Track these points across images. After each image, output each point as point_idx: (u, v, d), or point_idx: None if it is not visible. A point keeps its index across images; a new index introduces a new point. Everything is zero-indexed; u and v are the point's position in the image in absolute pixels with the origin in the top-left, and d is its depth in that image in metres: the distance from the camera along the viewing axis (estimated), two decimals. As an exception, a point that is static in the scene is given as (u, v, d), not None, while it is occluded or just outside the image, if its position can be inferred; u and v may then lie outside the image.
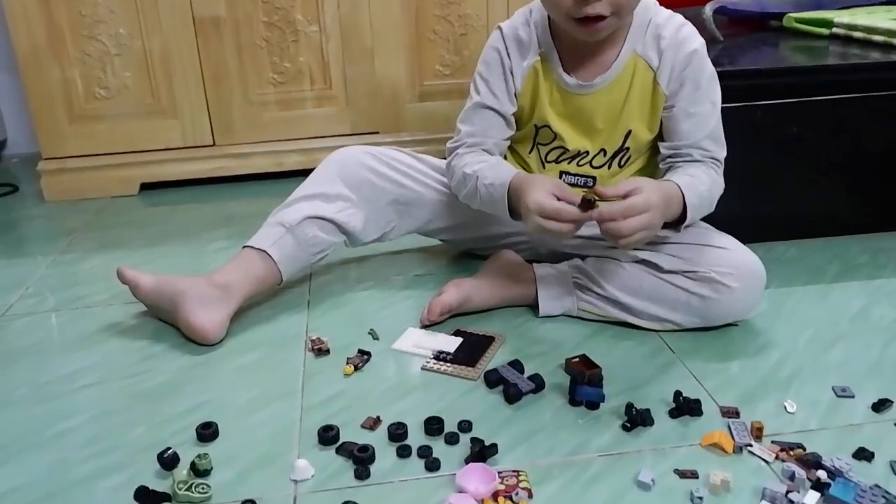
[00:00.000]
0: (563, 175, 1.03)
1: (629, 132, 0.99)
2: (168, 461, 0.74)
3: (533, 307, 1.02)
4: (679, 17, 0.98)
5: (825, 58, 1.27)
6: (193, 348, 0.97)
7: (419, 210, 1.11)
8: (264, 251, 1.02)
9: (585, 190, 0.89)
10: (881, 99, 1.17)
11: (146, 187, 1.63)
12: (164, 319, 1.03)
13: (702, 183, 0.94)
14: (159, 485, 0.72)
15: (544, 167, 1.04)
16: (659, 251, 0.96)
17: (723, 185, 0.99)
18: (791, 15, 1.45)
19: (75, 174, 1.60)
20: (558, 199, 0.87)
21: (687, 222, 0.93)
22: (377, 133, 1.64)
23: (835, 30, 1.37)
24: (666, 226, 0.92)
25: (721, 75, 1.07)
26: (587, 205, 0.85)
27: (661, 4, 1.00)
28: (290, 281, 1.07)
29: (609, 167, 1.01)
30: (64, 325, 1.06)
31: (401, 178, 1.09)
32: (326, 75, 1.59)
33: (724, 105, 1.06)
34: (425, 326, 0.99)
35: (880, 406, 0.81)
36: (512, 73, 1.01)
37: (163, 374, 0.92)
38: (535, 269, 1.03)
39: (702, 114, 0.96)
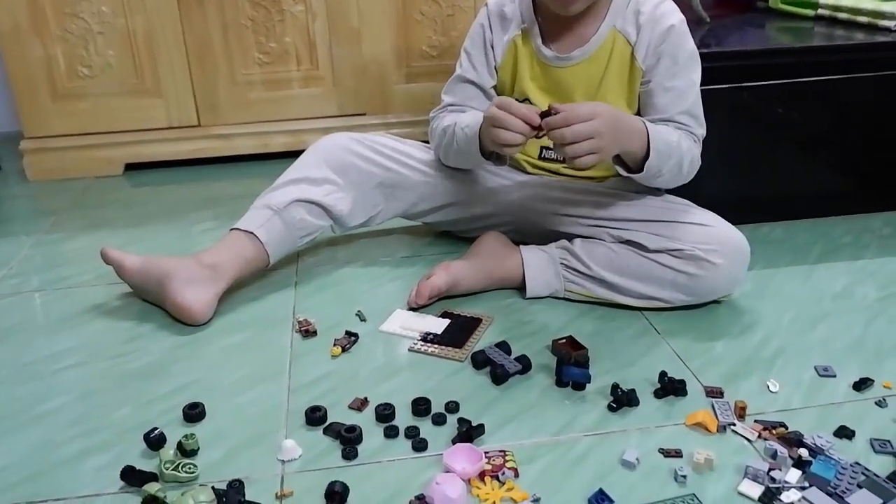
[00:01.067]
0: (544, 150, 1.06)
1: None
2: (155, 441, 0.74)
3: (520, 288, 1.02)
4: None
5: (810, 39, 1.27)
6: (180, 328, 0.97)
7: (405, 192, 1.10)
8: (252, 233, 1.01)
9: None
10: (865, 80, 1.17)
11: (130, 168, 1.61)
12: (150, 300, 1.02)
13: (671, 135, 0.95)
14: (146, 465, 0.72)
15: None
16: (643, 231, 0.96)
17: (698, 160, 1.00)
18: (778, -4, 1.45)
19: (58, 153, 1.57)
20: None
21: (650, 163, 0.92)
22: (364, 114, 1.62)
23: (820, 11, 1.37)
24: (628, 170, 0.94)
25: (707, 56, 1.07)
26: (545, 116, 0.87)
27: None
28: (276, 263, 1.07)
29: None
30: (48, 306, 1.05)
31: (386, 161, 1.09)
32: (313, 55, 1.57)
33: (710, 87, 1.06)
34: (413, 309, 0.99)
35: (861, 385, 0.82)
36: (493, 46, 1.05)
37: (149, 354, 0.92)
38: (521, 251, 1.03)
39: (679, 88, 0.97)
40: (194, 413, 0.79)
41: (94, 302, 1.05)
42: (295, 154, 1.12)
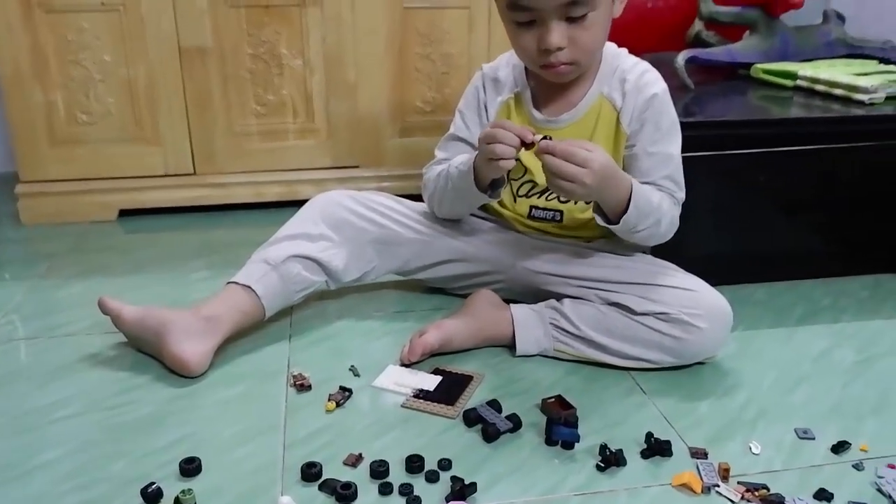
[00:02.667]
0: (533, 209, 1.10)
1: None
2: (152, 496, 0.76)
3: (511, 346, 1.06)
4: (644, 64, 1.06)
5: (790, 110, 1.34)
6: (176, 380, 0.98)
7: (399, 249, 1.14)
8: (249, 287, 1.04)
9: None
10: (842, 150, 1.23)
11: (124, 214, 1.63)
12: (146, 351, 1.04)
13: (654, 196, 1.00)
14: (143, 520, 0.73)
15: (515, 201, 1.11)
16: (630, 293, 1.00)
17: (677, 222, 1.04)
18: (758, 66, 1.53)
19: (54, 198, 1.59)
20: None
21: (627, 218, 0.96)
22: (357, 167, 1.67)
23: (799, 82, 1.44)
24: (606, 219, 0.98)
25: (693, 125, 1.14)
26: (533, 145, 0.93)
27: (639, 50, 1.09)
28: (271, 316, 1.09)
29: (576, 202, 1.06)
30: (42, 354, 1.06)
31: (381, 218, 1.13)
32: (309, 108, 1.62)
33: (697, 153, 1.12)
34: (405, 365, 1.02)
35: (839, 448, 0.86)
36: (486, 107, 1.11)
37: (145, 406, 0.93)
38: (512, 310, 1.06)
39: (661, 154, 1.03)
40: (191, 468, 0.80)
41: (90, 351, 1.06)
42: (289, 204, 1.15)
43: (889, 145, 1.24)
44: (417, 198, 1.19)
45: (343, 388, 0.96)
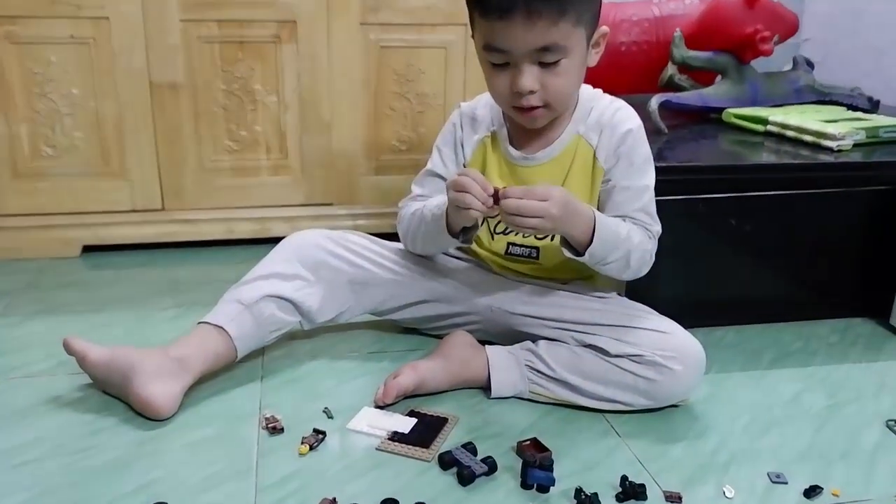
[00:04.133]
0: (511, 246, 1.14)
1: None
2: (120, 543, 0.76)
3: (486, 388, 1.08)
4: (619, 102, 1.12)
5: (759, 156, 1.40)
6: (143, 423, 0.99)
7: (375, 290, 1.17)
8: (221, 328, 1.06)
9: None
10: (811, 196, 1.30)
11: (88, 249, 1.63)
12: (112, 393, 1.04)
13: (621, 228, 1.04)
14: (111, 567, 0.73)
15: (493, 238, 1.15)
16: (605, 335, 1.04)
17: (652, 256, 1.08)
18: (730, 111, 1.60)
19: (14, 233, 1.59)
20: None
21: (593, 249, 1.00)
22: (331, 204, 1.70)
23: (769, 127, 1.51)
24: (571, 250, 1.02)
25: (666, 169, 1.19)
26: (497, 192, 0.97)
27: (613, 92, 1.14)
28: (243, 357, 1.11)
29: (552, 238, 1.10)
30: (2, 396, 1.05)
31: (357, 259, 1.16)
32: (283, 145, 1.65)
33: (668, 197, 1.17)
34: (380, 406, 1.04)
35: (811, 492, 0.89)
36: (462, 145, 1.15)
37: (111, 450, 0.93)
38: (487, 352, 1.09)
39: (635, 188, 1.07)
40: (160, 513, 0.81)
41: (52, 393, 1.05)
42: (260, 241, 1.17)
43: (856, 192, 1.31)
44: (393, 237, 1.22)
45: (316, 431, 0.97)
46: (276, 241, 1.19)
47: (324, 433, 0.97)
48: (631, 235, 1.04)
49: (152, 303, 1.39)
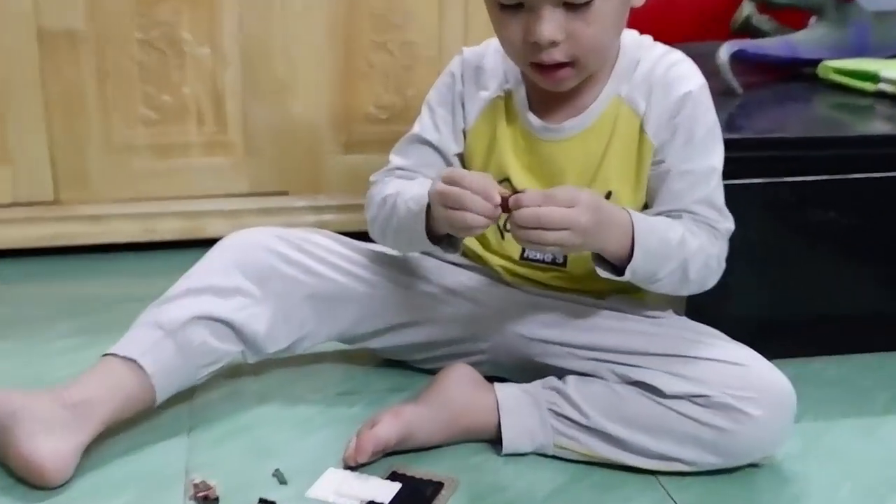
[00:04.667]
0: (527, 249, 1.13)
1: (609, 194, 1.08)
2: None
3: (495, 441, 1.08)
4: (676, 55, 1.11)
5: (869, 123, 1.40)
6: (27, 492, 0.97)
7: (343, 308, 1.17)
8: (134, 361, 1.05)
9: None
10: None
11: (-42, 257, 1.63)
12: (-13, 451, 1.03)
13: (673, 231, 1.02)
14: None
15: (503, 237, 1.14)
16: (657, 368, 1.03)
17: (721, 262, 1.08)
18: (828, 63, 1.59)
19: None
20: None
21: (636, 265, 0.99)
22: (286, 194, 1.70)
23: (882, 86, 1.50)
24: (614, 271, 1.01)
25: (739, 143, 1.18)
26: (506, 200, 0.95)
27: (668, 40, 1.13)
28: (164, 400, 1.10)
29: None
30: None
31: (319, 266, 1.16)
32: (220, 114, 1.65)
33: (740, 180, 1.17)
34: (351, 467, 1.03)
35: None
36: (463, 104, 1.14)
37: (-17, 529, 0.93)
38: (496, 392, 1.09)
39: (697, 172, 1.07)
40: None
41: None
42: (191, 244, 1.16)
43: None
44: (369, 237, 1.21)
45: (264, 501, 0.97)
46: (211, 243, 1.19)
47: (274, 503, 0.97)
48: (687, 239, 1.03)
49: (43, 327, 1.38)
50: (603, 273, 1.03)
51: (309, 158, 1.70)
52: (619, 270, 1.01)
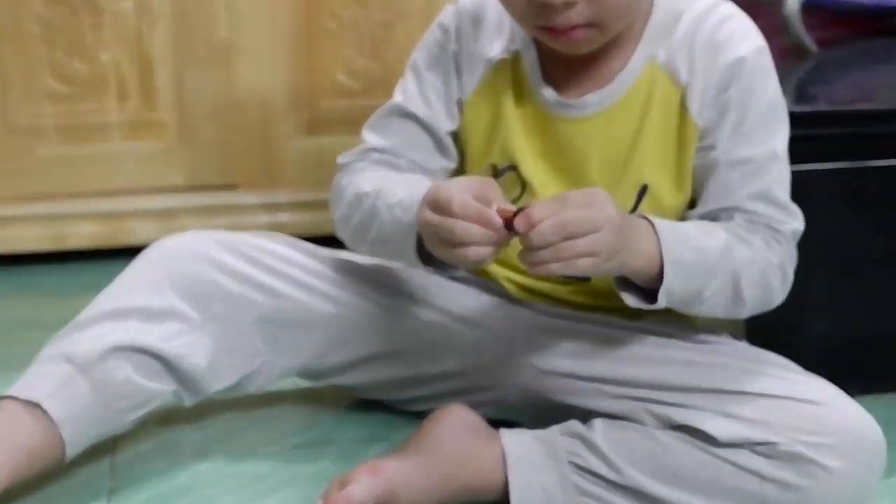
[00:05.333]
0: None
1: (644, 188, 1.09)
2: None
3: (501, 502, 1.07)
4: (727, 8, 1.10)
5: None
6: None
7: (306, 334, 1.17)
8: (38, 405, 1.05)
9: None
10: None
11: None
12: None
13: (712, 239, 1.02)
14: None
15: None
16: (708, 408, 1.03)
17: (784, 271, 1.08)
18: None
19: None
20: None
21: (671, 286, 0.99)
22: (234, 188, 1.71)
23: None
24: (635, 293, 1.02)
25: (810, 119, 1.19)
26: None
27: None
28: (78, 454, 1.10)
29: None
30: None
31: (275, 281, 1.15)
32: (148, 86, 1.66)
33: (814, 166, 1.17)
34: (317, 539, 1.03)
35: None
36: (458, 67, 1.14)
37: None
38: (503, 440, 1.08)
39: (753, 161, 1.07)
40: None
41: None
42: (111, 254, 1.15)
43: None
44: (337, 242, 1.22)
45: (204, 584, 0.97)
46: (136, 252, 1.19)
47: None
48: (733, 247, 1.03)
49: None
50: (632, 302, 1.03)
51: (261, 143, 1.70)
52: (649, 295, 1.02)
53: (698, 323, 1.15)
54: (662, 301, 1.01)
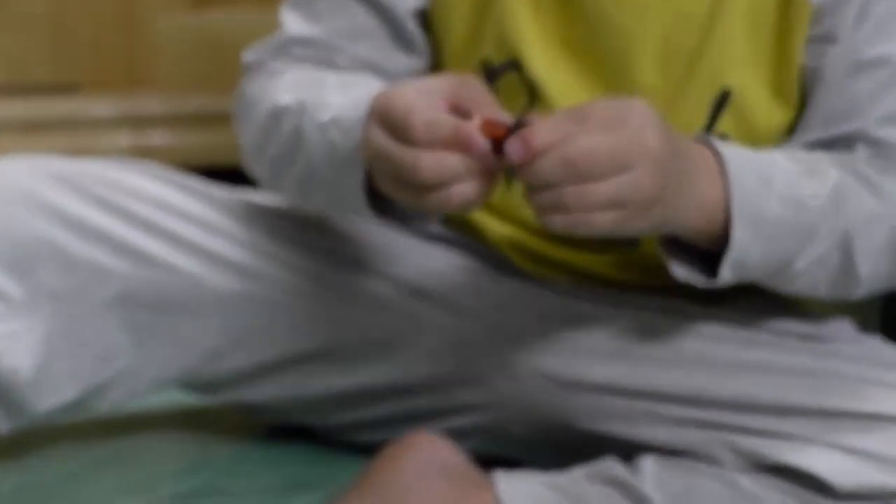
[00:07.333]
0: None
1: (725, 95, 1.09)
2: None
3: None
4: None
5: None
6: None
7: (191, 322, 1.17)
8: None
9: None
10: None
11: None
12: None
13: (816, 174, 1.03)
14: None
15: (508, 187, 1.11)
16: (818, 436, 1.03)
17: None
18: None
19: None
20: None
21: (737, 251, 0.98)
22: (75, 89, 1.69)
23: None
24: (686, 258, 1.01)
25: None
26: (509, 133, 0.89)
27: None
28: None
29: None
30: None
31: (142, 238, 1.15)
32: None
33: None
34: None
35: None
36: None
37: None
38: (498, 489, 1.08)
39: (893, 63, 1.08)
40: None
41: None
42: None
43: None
44: (238, 177, 1.23)
45: None
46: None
47: None
48: (847, 196, 1.03)
49: None
50: (681, 274, 1.01)
51: (120, 20, 1.70)
52: (711, 264, 1.01)
53: (808, 309, 1.15)
54: (727, 275, 1.00)
